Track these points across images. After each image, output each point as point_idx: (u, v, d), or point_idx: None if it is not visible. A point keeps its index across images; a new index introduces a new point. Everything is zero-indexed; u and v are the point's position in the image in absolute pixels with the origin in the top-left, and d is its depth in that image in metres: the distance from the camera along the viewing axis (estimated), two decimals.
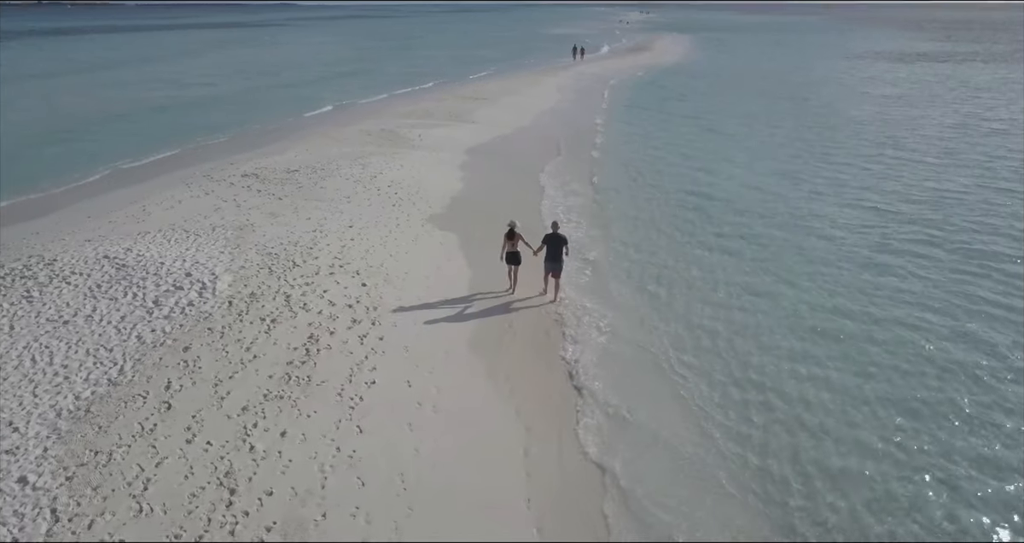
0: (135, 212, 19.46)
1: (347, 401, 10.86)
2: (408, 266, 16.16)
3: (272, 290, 14.35)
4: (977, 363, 12.35)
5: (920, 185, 23.07)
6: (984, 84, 49.79)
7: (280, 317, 13.26)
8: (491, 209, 19.95)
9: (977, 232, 18.51)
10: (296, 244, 16.96)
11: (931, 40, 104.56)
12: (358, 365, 11.87)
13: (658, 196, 22.12)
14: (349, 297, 14.30)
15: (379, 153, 26.64)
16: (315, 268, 15.56)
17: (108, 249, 15.88)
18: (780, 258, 16.97)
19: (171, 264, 15.13)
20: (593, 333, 13.52)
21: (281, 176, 23.11)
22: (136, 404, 10.50)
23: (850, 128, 32.97)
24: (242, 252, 16.29)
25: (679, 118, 36.26)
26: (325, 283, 14.85)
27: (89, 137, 31.72)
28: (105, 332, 12.38)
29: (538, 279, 15.00)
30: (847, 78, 54.69)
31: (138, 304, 13.38)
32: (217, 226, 18.10)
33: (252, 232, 17.73)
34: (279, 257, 16.07)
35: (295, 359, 11.92)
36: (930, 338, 13.15)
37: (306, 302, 13.92)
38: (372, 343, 12.59)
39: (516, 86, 47.86)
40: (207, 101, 43.46)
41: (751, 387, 11.67)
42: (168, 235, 17.24)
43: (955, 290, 15.15)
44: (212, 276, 14.65)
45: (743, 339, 13.24)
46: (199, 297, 13.76)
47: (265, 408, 10.54)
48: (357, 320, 13.39)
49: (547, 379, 11.96)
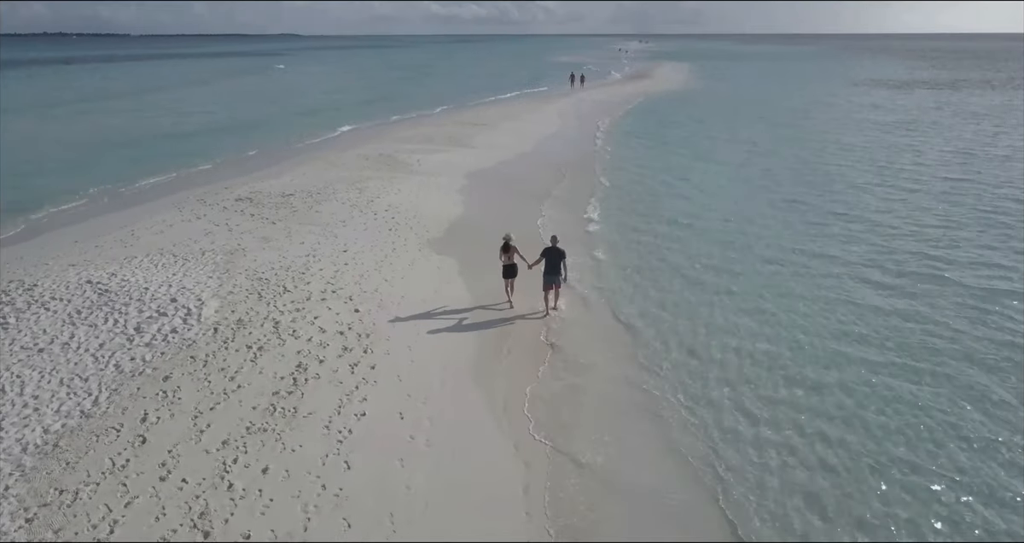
0: (123, 236, 18.92)
1: (335, 434, 10.18)
2: (404, 291, 15.56)
3: (260, 316, 13.74)
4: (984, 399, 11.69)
5: (923, 213, 22.17)
6: (984, 110, 49.58)
7: (267, 345, 12.63)
8: (490, 234, 19.38)
9: (982, 264, 17.52)
10: (288, 269, 16.39)
11: (929, 68, 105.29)
12: (348, 395, 11.21)
13: (656, 225, 21.12)
14: (341, 324, 13.68)
15: (377, 177, 26.20)
16: (306, 294, 14.96)
17: (92, 274, 15.30)
18: (780, 287, 16.16)
19: (156, 289, 14.53)
20: (595, 361, 12.85)
21: (276, 200, 22.63)
22: (109, 438, 9.82)
23: (850, 155, 32.38)
24: (231, 277, 15.70)
25: (678, 145, 35.74)
26: (316, 309, 14.24)
27: (83, 163, 31.17)
28: (82, 361, 11.73)
29: (536, 291, 14.84)
30: (846, 104, 54.57)
31: (119, 331, 12.75)
32: (207, 250, 17.54)
33: (243, 257, 17.17)
34: (269, 282, 15.48)
35: (281, 389, 11.26)
36: (937, 377, 12.44)
37: (295, 329, 13.29)
38: (363, 372, 11.94)
39: (516, 112, 47.74)
40: (205, 128, 43.18)
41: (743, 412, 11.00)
42: (155, 260, 16.67)
43: (959, 322, 14.36)
44: (198, 302, 14.04)
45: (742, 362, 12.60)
46: (183, 324, 13.14)
47: (247, 442, 9.87)
48: (348, 348, 12.75)
49: (548, 410, 11.26)
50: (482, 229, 20.02)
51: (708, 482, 9.51)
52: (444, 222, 20.93)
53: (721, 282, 16.53)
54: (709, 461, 9.94)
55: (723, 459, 9.98)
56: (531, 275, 15.00)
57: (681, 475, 9.70)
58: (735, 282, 16.49)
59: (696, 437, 10.54)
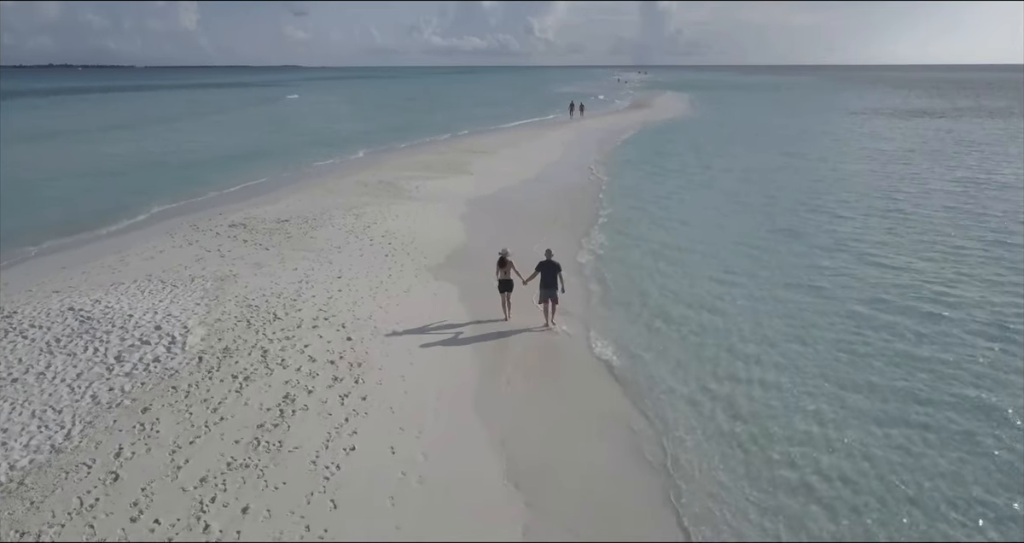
0: (112, 263, 18.42)
1: (321, 470, 9.53)
2: (399, 318, 14.99)
3: (248, 344, 13.15)
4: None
5: (926, 244, 21.27)
6: (984, 139, 49.30)
7: (254, 374, 12.03)
8: (490, 260, 18.93)
9: (986, 296, 16.61)
10: (279, 295, 15.85)
11: (926, 98, 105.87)
12: (337, 428, 10.58)
13: (656, 254, 20.38)
14: (332, 352, 13.09)
15: (374, 204, 25.80)
16: (297, 321, 14.39)
17: (75, 301, 14.75)
18: (780, 316, 15.49)
19: (140, 317, 13.97)
20: (590, 395, 12.23)
21: (270, 226, 22.17)
22: (79, 474, 9.18)
23: (850, 183, 31.76)
24: (220, 304, 15.15)
25: (677, 173, 35.14)
26: (307, 337, 13.66)
27: (79, 192, 30.76)
28: (56, 391, 11.13)
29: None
30: (845, 133, 54.43)
31: (98, 360, 12.16)
32: (197, 277, 17.02)
33: (234, 283, 16.64)
34: (259, 309, 14.92)
35: (267, 422, 10.64)
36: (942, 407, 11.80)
37: (284, 358, 12.70)
38: (354, 403, 11.32)
39: (516, 140, 47.65)
40: (205, 157, 42.94)
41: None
42: (143, 286, 16.14)
43: (963, 352, 13.73)
44: (184, 329, 13.47)
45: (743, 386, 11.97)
46: (167, 352, 12.55)
47: (227, 479, 9.22)
48: (339, 378, 12.14)
49: (550, 443, 10.61)
50: (482, 255, 19.49)
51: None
52: (443, 248, 20.45)
53: (717, 315, 15.73)
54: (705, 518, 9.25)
55: (724, 506, 9.30)
56: (527, 290, 15.06)
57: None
58: (732, 315, 15.65)
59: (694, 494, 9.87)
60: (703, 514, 8.97)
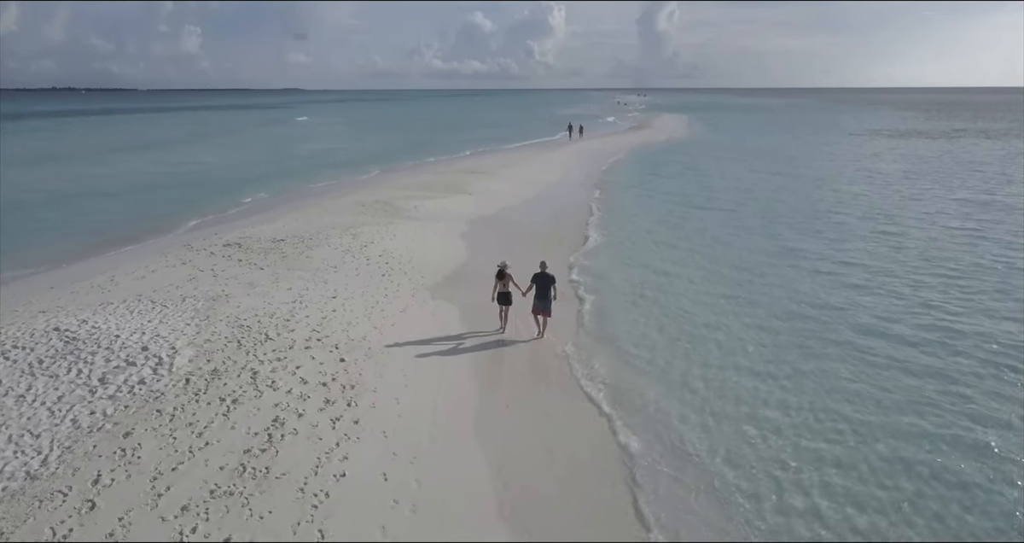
0: (102, 282, 18.02)
1: (310, 498, 9.06)
2: (394, 339, 14.57)
3: (238, 366, 12.72)
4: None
5: (930, 263, 20.89)
6: (986, 159, 49.18)
7: (243, 397, 11.58)
8: (486, 279, 18.61)
9: (992, 318, 16.10)
10: (272, 316, 15.44)
11: (925, 119, 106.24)
12: (327, 454, 10.12)
13: (656, 272, 20.19)
14: (324, 374, 12.66)
15: (372, 223, 25.48)
16: (289, 342, 13.97)
17: (60, 321, 14.33)
18: (779, 345, 14.92)
19: (127, 337, 13.54)
20: (578, 425, 11.79)
21: (265, 245, 21.82)
22: (54, 503, 8.71)
23: (852, 203, 31.44)
24: (211, 324, 14.74)
25: (677, 193, 34.80)
26: (299, 358, 13.24)
27: (73, 212, 30.46)
28: (36, 415, 10.68)
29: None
30: (845, 154, 54.34)
31: (81, 382, 11.72)
32: (188, 297, 16.62)
33: (225, 303, 16.24)
34: (251, 330, 14.51)
35: (254, 446, 10.18)
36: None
37: (275, 380, 12.26)
38: (345, 427, 10.87)
39: (515, 161, 47.51)
40: (203, 178, 42.82)
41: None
42: (132, 306, 15.73)
43: (973, 383, 13.19)
44: (171, 350, 13.04)
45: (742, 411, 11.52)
46: (153, 374, 12.11)
47: (210, 508, 8.75)
48: (331, 400, 11.70)
49: (550, 468, 10.15)
50: (481, 275, 19.12)
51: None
52: (441, 268, 20.08)
53: (719, 337, 15.30)
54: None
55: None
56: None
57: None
58: (734, 337, 15.21)
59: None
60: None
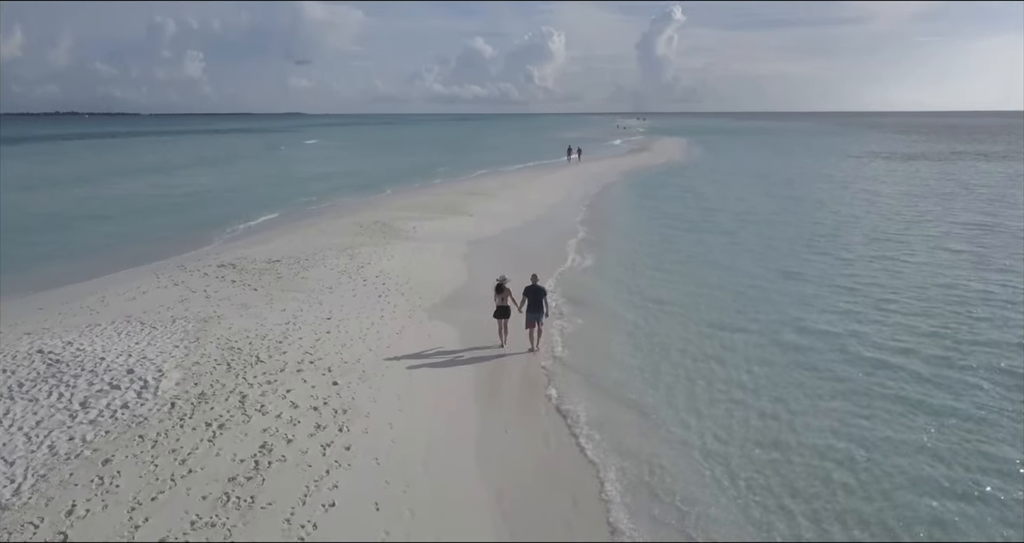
0: (92, 303, 17.60)
1: (296, 530, 8.55)
2: (389, 361, 14.12)
3: (226, 389, 12.25)
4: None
5: (936, 288, 20.16)
6: (988, 181, 48.80)
7: (230, 422, 11.10)
8: (484, 300, 18.25)
9: (999, 346, 15.36)
10: (264, 337, 15.00)
11: (924, 142, 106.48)
12: (316, 482, 9.62)
13: (654, 295, 19.73)
14: (316, 398, 12.18)
15: (370, 244, 25.14)
16: (281, 364, 13.52)
17: (45, 343, 13.88)
18: (790, 375, 14.38)
19: (113, 359, 13.09)
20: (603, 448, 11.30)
21: (260, 266, 21.43)
22: (23, 535, 8.20)
23: (855, 225, 30.96)
24: (200, 346, 14.29)
25: (677, 215, 34.31)
26: (290, 381, 12.77)
27: (68, 235, 30.03)
28: (12, 441, 10.19)
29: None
30: (847, 176, 54.15)
31: (61, 406, 11.25)
32: (178, 318, 16.19)
33: (217, 324, 15.80)
34: (242, 352, 14.06)
35: (239, 474, 9.68)
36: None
37: (264, 404, 11.79)
38: (336, 454, 10.38)
39: (516, 183, 47.39)
40: (201, 200, 42.62)
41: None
42: (120, 327, 15.29)
43: (981, 414, 12.69)
44: (158, 373, 12.59)
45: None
46: (137, 398, 11.64)
47: (189, 540, 8.24)
48: (322, 425, 11.22)
49: (551, 495, 9.64)
50: (479, 295, 18.75)
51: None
52: (439, 288, 19.68)
53: (714, 367, 14.59)
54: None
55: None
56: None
57: None
58: (736, 364, 14.60)
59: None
60: None
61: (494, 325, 15.42)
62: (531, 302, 14.90)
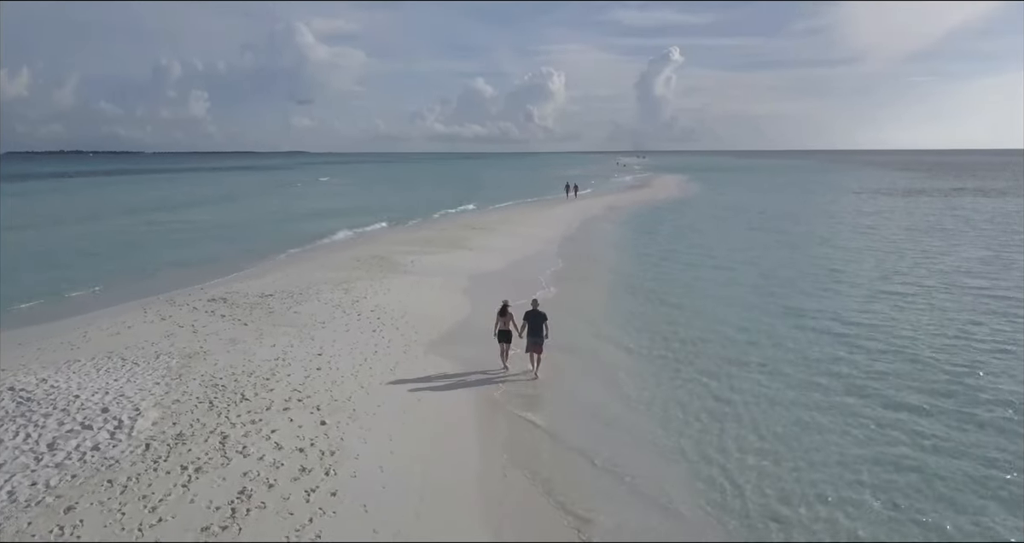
0: (73, 339, 16.88)
1: None
2: (381, 399, 13.35)
3: (206, 429, 11.48)
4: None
5: (947, 324, 19.40)
6: (991, 218, 48.00)
7: (207, 465, 10.31)
8: (483, 335, 17.57)
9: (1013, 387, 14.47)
10: (251, 374, 14.26)
11: (924, 178, 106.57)
12: (298, 531, 8.80)
13: (656, 331, 18.98)
14: (302, 438, 11.39)
15: (366, 278, 24.51)
16: (267, 403, 12.75)
17: (17, 380, 13.15)
18: (795, 417, 13.72)
19: (88, 397, 12.35)
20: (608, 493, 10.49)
21: (252, 300, 20.77)
22: None
23: (862, 262, 30.13)
24: (183, 383, 13.55)
25: (679, 252, 33.22)
26: (275, 421, 11.99)
27: (59, 271, 29.16)
28: None
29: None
30: (850, 212, 53.72)
31: (27, 448, 10.47)
32: (162, 353, 15.47)
33: (202, 360, 15.08)
34: (226, 389, 13.31)
35: (214, 523, 8.87)
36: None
37: (246, 445, 11.00)
38: (321, 500, 9.56)
39: (516, 218, 47.01)
40: (199, 234, 42.13)
41: None
42: (100, 363, 14.57)
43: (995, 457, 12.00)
44: (134, 412, 11.83)
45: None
46: (110, 439, 10.87)
47: None
48: (307, 469, 10.41)
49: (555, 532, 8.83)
50: (477, 330, 18.07)
51: None
52: (436, 323, 18.95)
53: (728, 403, 14.03)
54: None
55: None
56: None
57: None
58: (737, 406, 13.81)
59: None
60: None
61: (493, 359, 15.57)
62: (531, 327, 15.02)
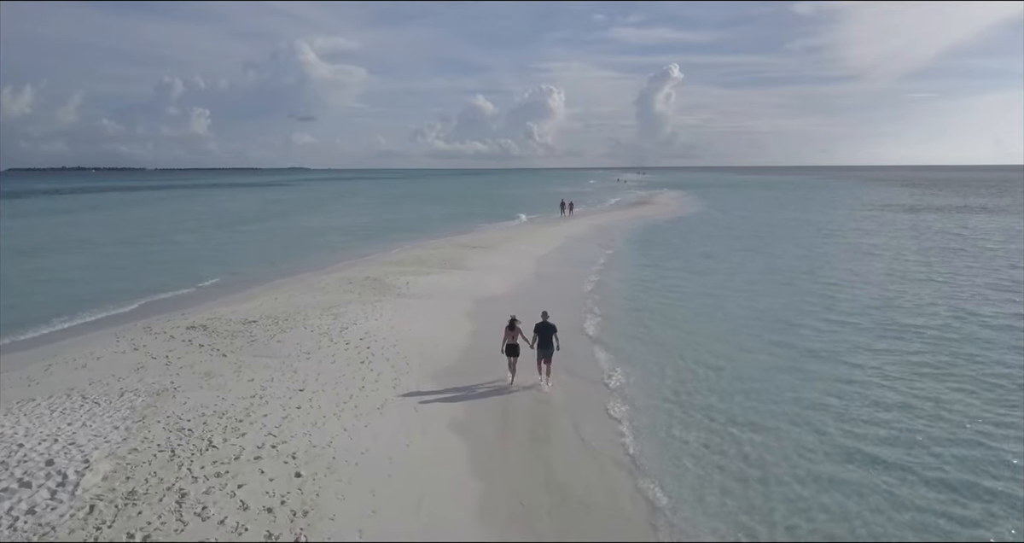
0: (33, 373, 15.51)
1: None
2: (365, 444, 11.99)
3: (163, 486, 10.10)
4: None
5: (967, 344, 18.49)
6: (1006, 237, 46.60)
7: (158, 532, 8.93)
8: (484, 365, 16.25)
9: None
10: (223, 415, 12.91)
11: (930, 195, 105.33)
12: None
13: (663, 350, 18.10)
14: (272, 496, 10.02)
15: (357, 302, 23.19)
16: (237, 451, 11.39)
17: None
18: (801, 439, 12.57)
19: (33, 447, 10.99)
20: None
21: (234, 328, 19.44)
22: None
23: (882, 284, 28.94)
24: (145, 427, 12.19)
25: (683, 269, 32.05)
26: (244, 473, 10.62)
27: (32, 297, 27.96)
28: None
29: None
30: (860, 229, 52.40)
31: None
32: (128, 391, 14.11)
33: (171, 399, 13.72)
34: (192, 434, 11.95)
35: None
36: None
37: (206, 505, 9.62)
38: None
39: (514, 236, 45.77)
40: (184, 257, 40.88)
41: None
42: (56, 403, 13.22)
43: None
44: (83, 464, 10.46)
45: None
46: (50, 499, 9.50)
47: None
48: (274, 535, 9.03)
49: None
50: (479, 359, 16.75)
51: None
52: (431, 354, 17.59)
53: (739, 425, 12.89)
54: None
55: None
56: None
57: None
58: (764, 428, 12.82)
59: None
60: None
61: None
62: (541, 339, 15.15)
